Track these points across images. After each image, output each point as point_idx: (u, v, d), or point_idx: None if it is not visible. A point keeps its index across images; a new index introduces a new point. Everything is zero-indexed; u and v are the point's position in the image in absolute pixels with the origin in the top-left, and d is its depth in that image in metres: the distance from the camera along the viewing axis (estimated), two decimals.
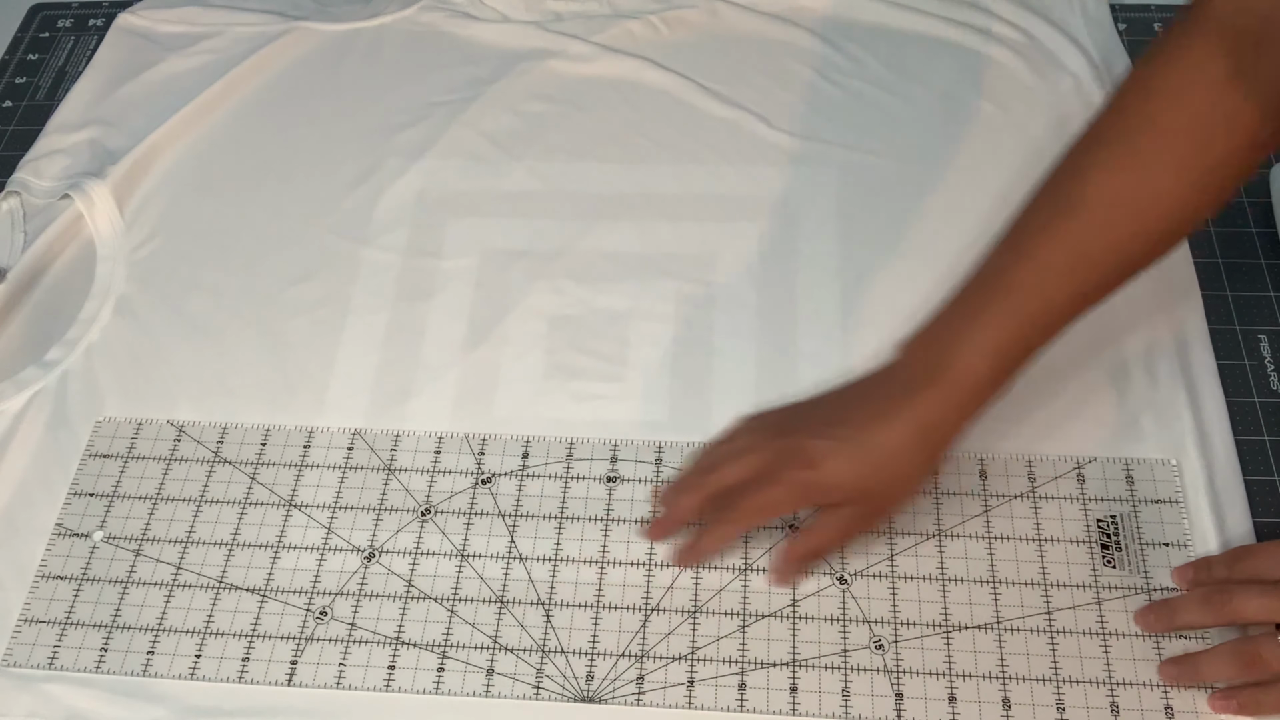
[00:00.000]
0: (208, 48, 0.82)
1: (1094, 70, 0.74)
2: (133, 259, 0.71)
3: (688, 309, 0.66)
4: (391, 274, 0.69)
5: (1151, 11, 0.79)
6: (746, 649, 0.54)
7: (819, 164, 0.72)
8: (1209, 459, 0.58)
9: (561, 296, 0.67)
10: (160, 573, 0.58)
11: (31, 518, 0.60)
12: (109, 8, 0.87)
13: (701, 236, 0.69)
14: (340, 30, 0.82)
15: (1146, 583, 0.55)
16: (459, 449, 0.61)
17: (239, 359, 0.66)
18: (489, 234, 0.70)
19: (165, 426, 0.63)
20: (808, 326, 0.65)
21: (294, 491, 0.60)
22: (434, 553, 0.58)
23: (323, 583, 0.57)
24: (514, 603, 0.56)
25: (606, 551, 0.57)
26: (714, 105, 0.75)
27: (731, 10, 0.80)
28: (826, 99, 0.75)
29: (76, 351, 0.66)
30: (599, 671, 0.54)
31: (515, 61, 0.79)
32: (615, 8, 0.81)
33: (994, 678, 0.52)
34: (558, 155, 0.74)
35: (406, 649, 0.55)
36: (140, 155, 0.74)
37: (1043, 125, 0.72)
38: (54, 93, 0.82)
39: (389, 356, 0.65)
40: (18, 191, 0.73)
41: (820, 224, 0.69)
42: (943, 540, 0.57)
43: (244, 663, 0.55)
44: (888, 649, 0.54)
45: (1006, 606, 0.54)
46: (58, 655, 0.56)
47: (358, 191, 0.73)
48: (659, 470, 0.60)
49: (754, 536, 0.57)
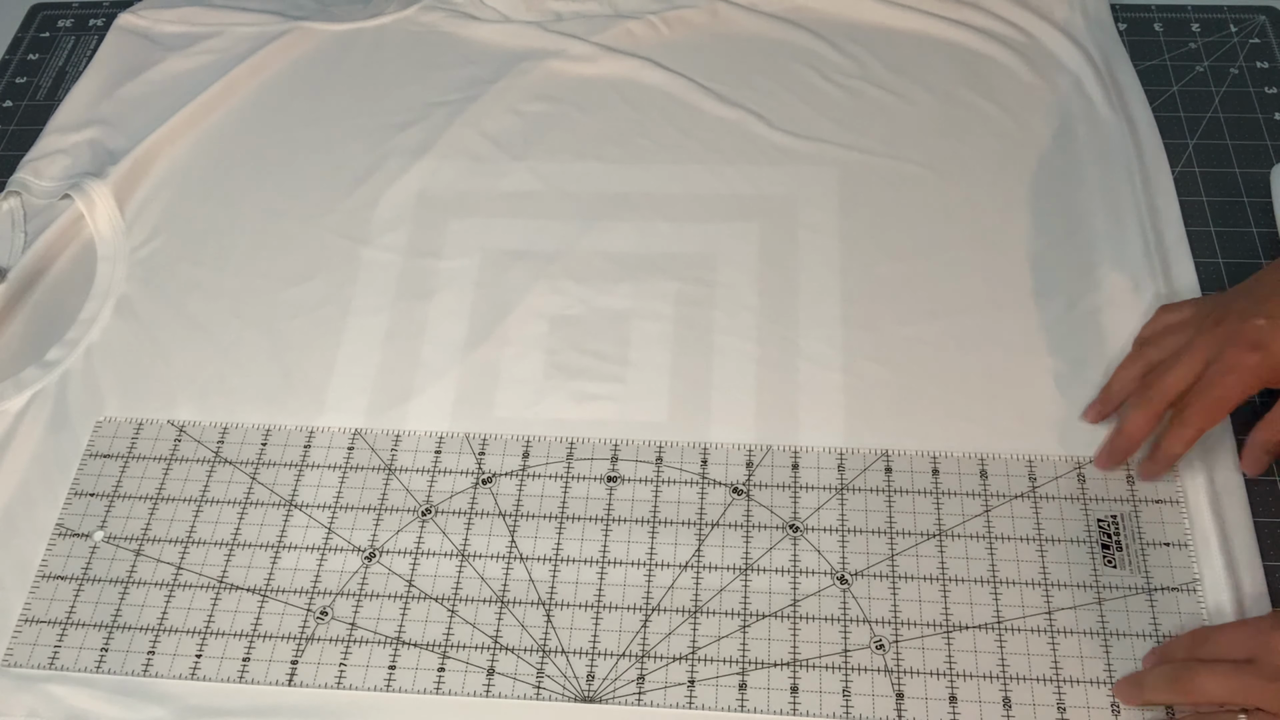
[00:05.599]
0: (208, 48, 0.82)
1: (1094, 70, 0.74)
2: (133, 259, 0.71)
3: (688, 309, 0.66)
4: (392, 274, 0.69)
5: (1151, 11, 0.79)
6: (747, 649, 0.54)
7: (819, 164, 0.72)
8: (1209, 459, 0.58)
9: (562, 296, 0.67)
10: (161, 573, 0.58)
11: (32, 518, 0.60)
12: (109, 8, 0.87)
13: (701, 236, 0.69)
14: (340, 30, 0.82)
15: (1147, 583, 0.55)
16: (459, 449, 0.61)
17: (239, 359, 0.66)
18: (489, 234, 0.70)
19: (166, 426, 0.63)
20: (808, 326, 0.65)
21: (294, 491, 0.60)
22: (434, 553, 0.58)
23: (323, 583, 0.57)
24: (514, 603, 0.56)
25: (607, 551, 0.57)
26: (714, 105, 0.75)
27: (732, 10, 0.80)
28: (826, 99, 0.75)
29: (77, 351, 0.66)
30: (600, 671, 0.54)
31: (515, 61, 0.79)
32: (616, 8, 0.81)
33: (995, 678, 0.52)
34: (558, 155, 0.74)
35: (407, 649, 0.55)
36: (140, 155, 0.74)
37: (1043, 125, 0.72)
38: (54, 93, 0.82)
39: (389, 356, 0.65)
40: (18, 191, 0.73)
41: (820, 224, 0.69)
42: (943, 540, 0.57)
43: (244, 663, 0.55)
44: (888, 649, 0.54)
45: (1007, 606, 0.54)
46: (58, 655, 0.56)
47: (358, 191, 0.73)
48: (659, 470, 0.60)
49: (754, 536, 0.57)
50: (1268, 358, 0.52)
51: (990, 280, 0.66)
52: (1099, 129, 0.72)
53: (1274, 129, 0.72)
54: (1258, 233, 0.67)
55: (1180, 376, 0.54)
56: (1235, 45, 0.76)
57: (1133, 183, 0.69)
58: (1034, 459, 0.59)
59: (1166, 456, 0.55)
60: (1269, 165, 0.69)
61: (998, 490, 0.58)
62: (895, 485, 0.58)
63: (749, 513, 0.58)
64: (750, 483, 0.59)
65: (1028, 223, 0.68)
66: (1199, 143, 0.71)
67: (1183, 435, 0.55)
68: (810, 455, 0.60)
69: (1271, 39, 0.77)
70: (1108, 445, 0.57)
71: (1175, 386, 0.55)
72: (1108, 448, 0.57)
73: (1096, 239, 0.67)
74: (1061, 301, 0.64)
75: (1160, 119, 0.72)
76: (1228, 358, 0.53)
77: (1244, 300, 0.55)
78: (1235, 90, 0.74)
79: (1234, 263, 0.66)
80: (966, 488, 0.58)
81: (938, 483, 0.58)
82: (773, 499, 0.58)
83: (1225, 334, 0.54)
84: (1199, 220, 0.67)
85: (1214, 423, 0.55)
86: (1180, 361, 0.55)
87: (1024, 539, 0.56)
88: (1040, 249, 0.67)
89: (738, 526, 0.58)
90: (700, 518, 0.58)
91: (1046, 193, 0.69)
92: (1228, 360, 0.53)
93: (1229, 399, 0.54)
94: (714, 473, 0.60)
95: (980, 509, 0.57)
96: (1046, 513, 0.57)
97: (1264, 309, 0.53)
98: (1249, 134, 0.71)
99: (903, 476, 0.59)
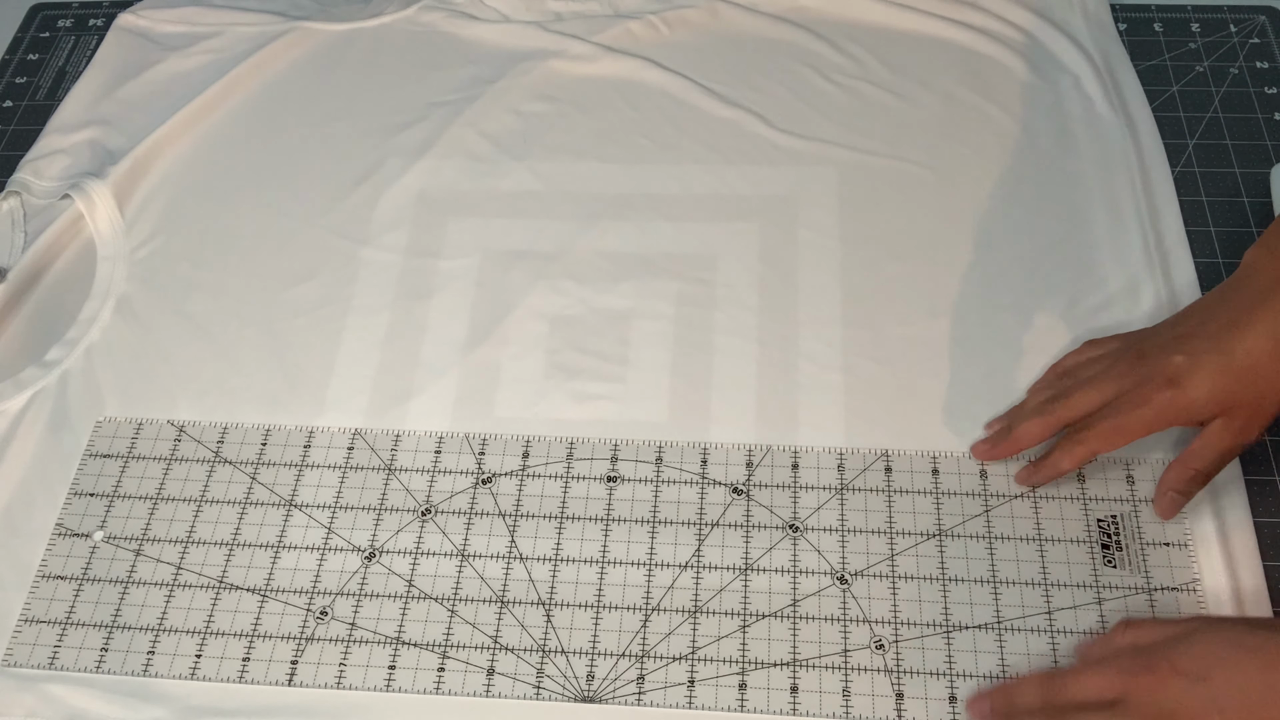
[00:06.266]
0: (208, 48, 0.81)
1: (1094, 70, 0.74)
2: (133, 259, 0.71)
3: (688, 309, 0.66)
4: (392, 274, 0.69)
5: (1151, 11, 0.79)
6: (747, 649, 0.54)
7: (819, 164, 0.72)
8: None
9: (562, 296, 0.67)
10: (161, 573, 0.58)
11: (32, 518, 0.60)
12: (109, 8, 0.87)
13: (701, 236, 0.69)
14: (340, 30, 0.82)
15: (1147, 582, 0.55)
16: (459, 449, 0.61)
17: (239, 359, 0.66)
18: (489, 234, 0.70)
19: (165, 426, 0.63)
20: (808, 326, 0.65)
21: (294, 491, 0.60)
22: (434, 553, 0.58)
23: (323, 583, 0.57)
24: (514, 602, 0.56)
25: (607, 551, 0.57)
26: (714, 105, 0.75)
27: (732, 10, 0.80)
28: (826, 99, 0.75)
29: (77, 351, 0.66)
30: (599, 671, 0.54)
31: (515, 61, 0.79)
32: (616, 8, 0.81)
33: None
34: (558, 155, 0.74)
35: (407, 649, 0.55)
36: (140, 155, 0.74)
37: (1043, 125, 0.72)
38: (54, 93, 0.82)
39: (389, 356, 0.65)
40: (18, 191, 0.73)
41: (820, 224, 0.69)
42: (943, 540, 0.57)
43: (244, 663, 0.55)
44: (888, 649, 0.54)
45: (1007, 606, 0.54)
46: (58, 655, 0.56)
47: (358, 191, 0.73)
48: (659, 470, 0.60)
49: (754, 536, 0.57)
50: (1179, 396, 0.51)
51: (990, 280, 0.66)
52: (1099, 129, 0.72)
53: (1274, 129, 0.72)
54: (1258, 232, 0.67)
55: (1088, 399, 0.54)
56: (1235, 45, 0.76)
57: (1133, 183, 0.69)
58: (1034, 459, 0.59)
59: (1051, 468, 0.55)
60: (1269, 165, 0.69)
61: (998, 490, 0.58)
62: (895, 485, 0.58)
63: (749, 513, 0.58)
64: (750, 483, 0.59)
65: (1028, 223, 0.68)
66: (1199, 143, 0.71)
67: (1073, 453, 0.54)
68: (810, 455, 0.60)
69: (1271, 39, 0.77)
70: (990, 440, 0.57)
71: (1081, 407, 0.54)
72: (989, 442, 0.57)
73: (1096, 239, 0.67)
74: (1061, 301, 0.64)
75: (1160, 119, 0.72)
76: (1141, 390, 0.52)
77: (1166, 336, 0.54)
78: (1235, 90, 0.74)
79: (1234, 263, 0.65)
80: (966, 488, 0.58)
81: (938, 483, 0.58)
82: (773, 499, 0.58)
83: (1143, 367, 0.53)
84: (1199, 220, 0.67)
85: (1109, 449, 0.54)
86: (1092, 385, 0.54)
87: (1024, 539, 0.56)
88: (1040, 249, 0.67)
89: (738, 526, 0.58)
90: (700, 518, 0.58)
91: (1046, 193, 0.69)
92: (1141, 393, 0.52)
93: (1131, 430, 0.53)
94: (714, 473, 0.60)
95: (980, 509, 0.57)
96: (1046, 513, 0.57)
97: (1184, 346, 0.52)
98: (1249, 134, 0.71)
99: (903, 476, 0.59)
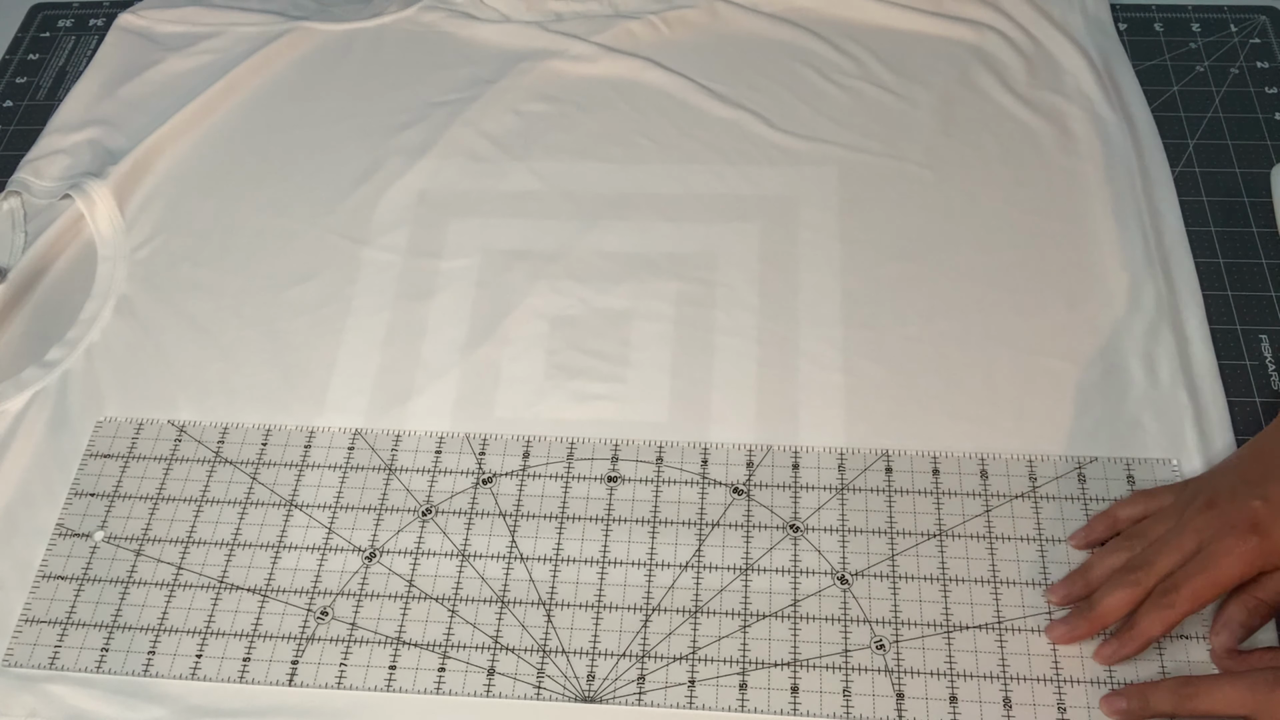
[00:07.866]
0: (208, 48, 0.81)
1: (1094, 70, 0.74)
2: (133, 259, 0.71)
3: (688, 309, 0.66)
4: (392, 274, 0.69)
5: (1151, 11, 0.79)
6: (747, 649, 0.54)
7: (819, 164, 0.72)
8: (1209, 459, 0.58)
9: (562, 296, 0.67)
10: (161, 573, 0.58)
11: (32, 518, 0.60)
12: (109, 8, 0.87)
13: (701, 236, 0.69)
14: (340, 30, 0.82)
15: None
16: (460, 449, 0.61)
17: (239, 359, 0.66)
18: (489, 234, 0.70)
19: (166, 426, 0.63)
20: (808, 326, 0.65)
21: (295, 491, 0.60)
22: (435, 553, 0.58)
23: (324, 583, 0.57)
24: (515, 603, 0.56)
25: (607, 551, 0.57)
26: (714, 105, 0.75)
27: (732, 10, 0.80)
28: (827, 99, 0.75)
29: (77, 351, 0.66)
30: (600, 671, 0.54)
31: (516, 61, 0.79)
32: (616, 8, 0.81)
33: (995, 678, 0.52)
34: (558, 155, 0.74)
35: (407, 649, 0.55)
36: (141, 155, 0.74)
37: (1043, 125, 0.72)
38: (54, 93, 0.82)
39: (389, 356, 0.65)
40: (18, 191, 0.73)
41: (820, 224, 0.69)
42: (944, 540, 0.57)
43: (245, 663, 0.55)
44: (889, 649, 0.54)
45: (1008, 606, 0.54)
46: (58, 655, 0.56)
47: (358, 191, 0.73)
48: (659, 470, 0.60)
49: (754, 536, 0.57)
50: (1265, 542, 0.49)
51: (990, 280, 0.66)
52: (1099, 129, 0.72)
53: (1274, 129, 0.72)
54: (1258, 232, 0.67)
55: (1170, 559, 0.51)
56: (1235, 45, 0.76)
57: (1133, 183, 0.69)
58: (1034, 459, 0.59)
59: (1142, 637, 0.51)
60: (1269, 165, 0.69)
61: (998, 490, 0.58)
62: (895, 485, 0.58)
63: (749, 513, 0.58)
64: (750, 483, 0.59)
65: (1028, 223, 0.68)
66: (1199, 143, 0.71)
67: (1165, 618, 0.50)
68: (810, 455, 0.60)
69: (1271, 39, 0.77)
70: (1072, 619, 0.53)
71: (1165, 569, 0.51)
72: (1067, 623, 0.53)
73: (1097, 239, 0.67)
74: (1061, 301, 0.64)
75: (1160, 119, 0.72)
76: (1224, 541, 0.50)
77: (1232, 480, 0.52)
78: (1235, 90, 0.74)
79: (1234, 263, 0.66)
80: (967, 488, 0.58)
81: (938, 483, 0.58)
82: (773, 499, 0.58)
83: (1219, 516, 0.50)
84: (1199, 220, 0.67)
85: (1201, 607, 0.51)
86: (1170, 545, 0.51)
87: (1024, 539, 0.56)
88: (1040, 249, 0.67)
89: (738, 526, 0.58)
90: (700, 518, 0.58)
91: (1046, 193, 0.69)
92: (1224, 544, 0.50)
93: (1222, 584, 0.50)
94: (714, 473, 0.60)
95: (980, 509, 0.57)
96: (1047, 513, 0.57)
97: (1259, 491, 0.50)
98: (1249, 134, 0.71)
99: (903, 476, 0.59)
